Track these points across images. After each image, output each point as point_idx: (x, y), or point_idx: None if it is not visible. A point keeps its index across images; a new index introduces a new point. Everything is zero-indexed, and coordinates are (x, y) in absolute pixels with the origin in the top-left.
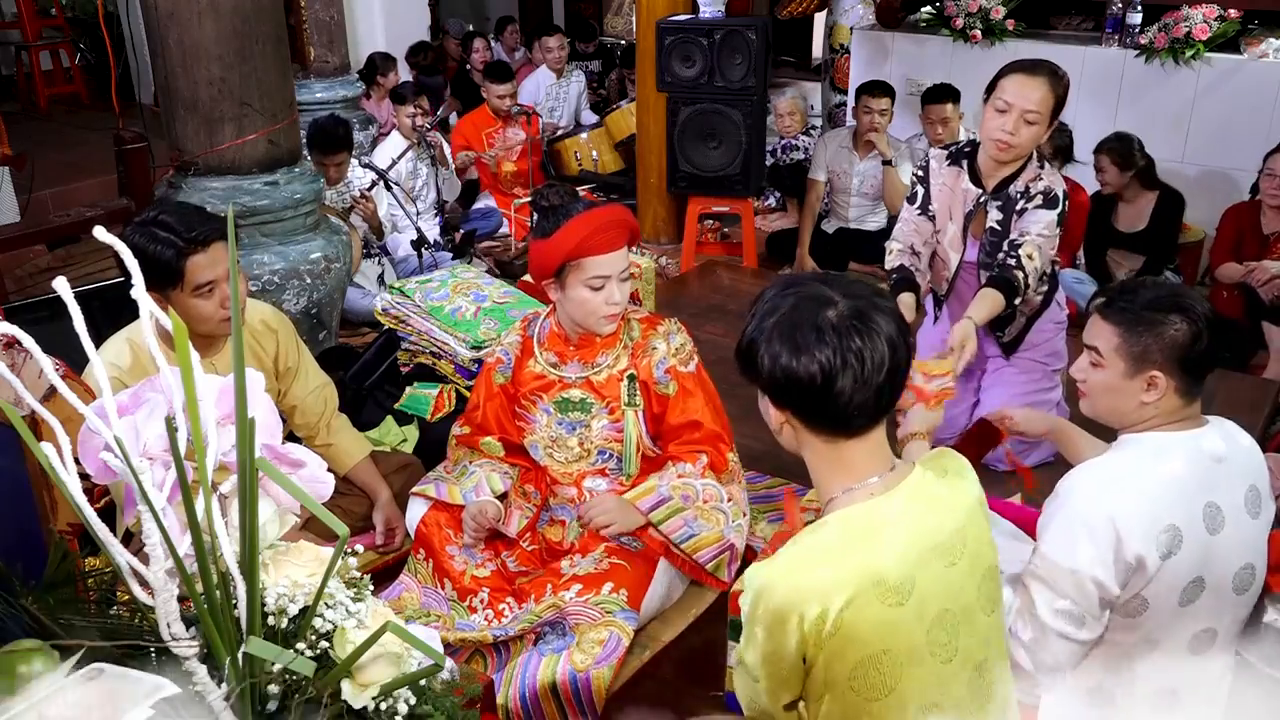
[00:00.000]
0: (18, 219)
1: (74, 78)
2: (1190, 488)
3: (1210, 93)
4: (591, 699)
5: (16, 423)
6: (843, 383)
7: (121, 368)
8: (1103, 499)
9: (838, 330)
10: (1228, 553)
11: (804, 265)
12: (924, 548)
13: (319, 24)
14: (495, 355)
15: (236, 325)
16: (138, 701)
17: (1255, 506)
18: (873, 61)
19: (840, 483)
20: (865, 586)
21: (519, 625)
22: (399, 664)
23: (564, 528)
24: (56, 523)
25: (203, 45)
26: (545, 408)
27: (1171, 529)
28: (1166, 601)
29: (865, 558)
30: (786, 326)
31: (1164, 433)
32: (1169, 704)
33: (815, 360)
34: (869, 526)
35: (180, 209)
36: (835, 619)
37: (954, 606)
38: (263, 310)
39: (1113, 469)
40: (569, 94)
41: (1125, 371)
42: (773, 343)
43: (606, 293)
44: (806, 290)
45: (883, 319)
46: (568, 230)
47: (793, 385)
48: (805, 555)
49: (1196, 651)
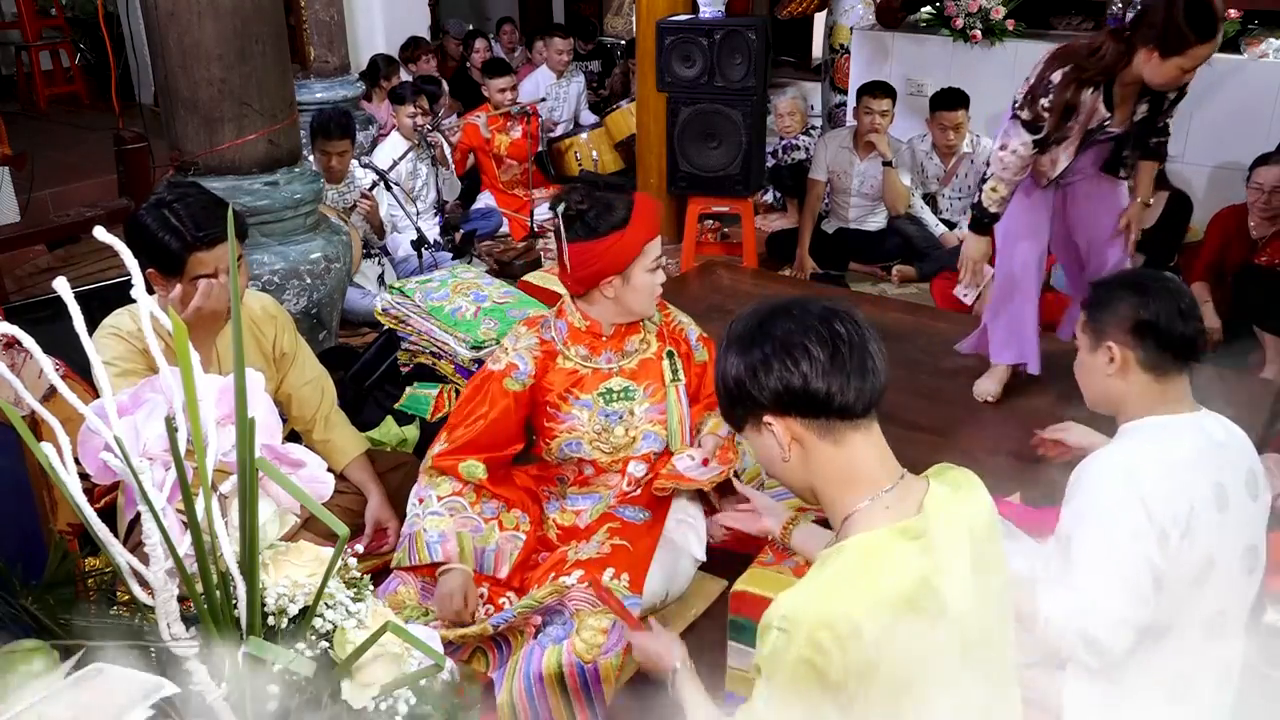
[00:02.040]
0: (18, 219)
1: (74, 78)
2: (1200, 467)
3: (1210, 93)
4: (600, 688)
5: (16, 423)
6: (843, 353)
7: (123, 329)
8: (1129, 484)
9: (816, 318)
10: (1235, 532)
11: (804, 265)
12: (951, 567)
13: (319, 24)
14: (506, 362)
15: (237, 326)
16: (138, 701)
17: (1254, 489)
18: (873, 61)
19: (854, 494)
20: (901, 610)
21: (519, 609)
22: (399, 664)
23: (578, 515)
24: (56, 523)
25: (203, 45)
26: (584, 402)
27: (1189, 507)
28: (1181, 581)
29: (899, 584)
30: (768, 341)
31: (1163, 416)
32: (1184, 689)
33: (813, 345)
34: (890, 548)
35: (199, 197)
36: (873, 645)
37: (982, 625)
38: (262, 298)
39: (1127, 454)
40: (569, 94)
41: (1089, 346)
42: (769, 359)
43: (659, 274)
44: (763, 310)
45: (831, 314)
46: (639, 217)
47: (797, 381)
48: (836, 580)
49: (1210, 635)
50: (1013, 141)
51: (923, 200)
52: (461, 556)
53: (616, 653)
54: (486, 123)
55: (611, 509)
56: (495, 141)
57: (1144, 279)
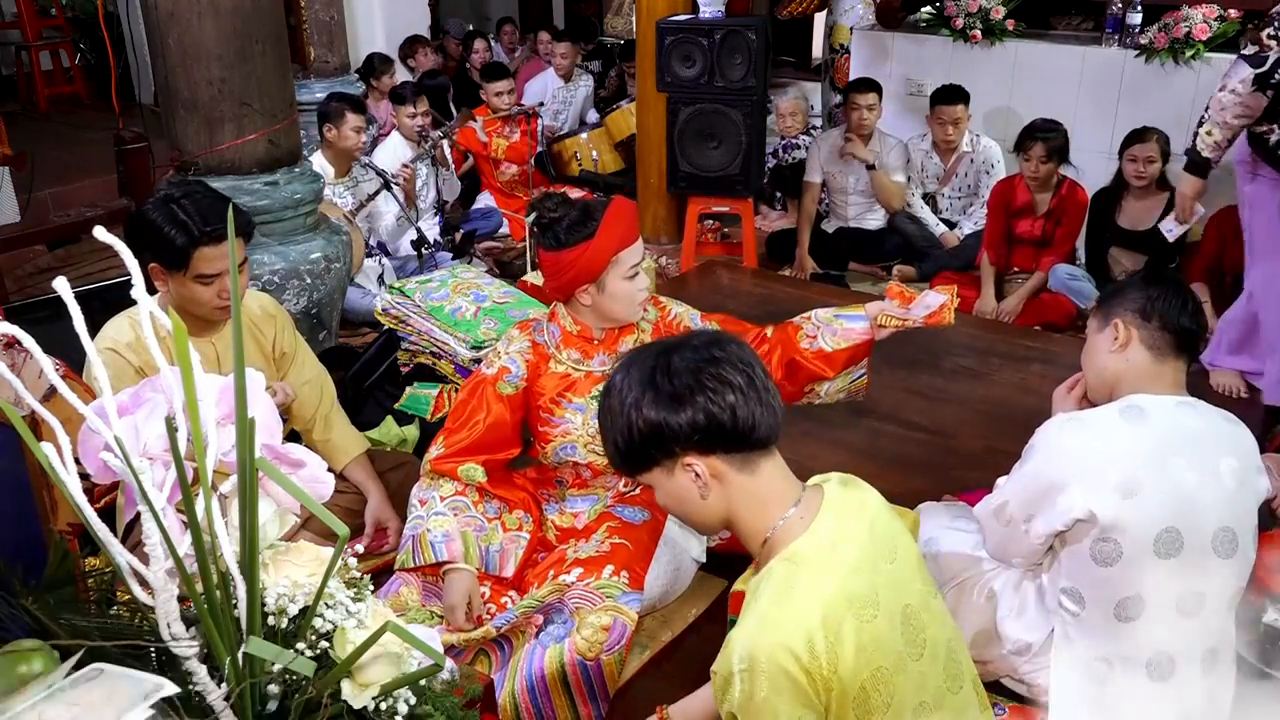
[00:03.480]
0: (18, 219)
1: (74, 78)
2: (1154, 441)
3: (1210, 93)
4: (604, 684)
5: (16, 423)
6: (756, 380)
7: (120, 343)
8: (1066, 439)
9: (713, 347)
10: (1206, 510)
11: (804, 265)
12: (869, 555)
13: (319, 24)
14: (498, 365)
15: (237, 326)
16: (138, 701)
17: (1236, 477)
18: (873, 61)
19: (769, 516)
20: (841, 610)
21: (520, 609)
22: (399, 664)
23: (576, 518)
24: (56, 523)
25: (203, 45)
26: (577, 406)
27: (1130, 472)
28: (1140, 547)
29: (830, 584)
30: (679, 376)
31: (1140, 396)
32: (1167, 669)
33: (730, 373)
34: (818, 554)
35: (207, 196)
36: (828, 653)
37: (913, 601)
38: (260, 298)
39: (1077, 420)
40: (575, 98)
41: (1097, 328)
42: (688, 394)
43: (639, 280)
44: (645, 358)
45: (726, 340)
46: (607, 229)
47: (725, 414)
48: (774, 604)
49: (1185, 613)
50: (1232, 80)
51: (922, 200)
52: (467, 556)
53: (618, 650)
54: (483, 126)
55: (610, 508)
56: (493, 145)
57: (1157, 277)
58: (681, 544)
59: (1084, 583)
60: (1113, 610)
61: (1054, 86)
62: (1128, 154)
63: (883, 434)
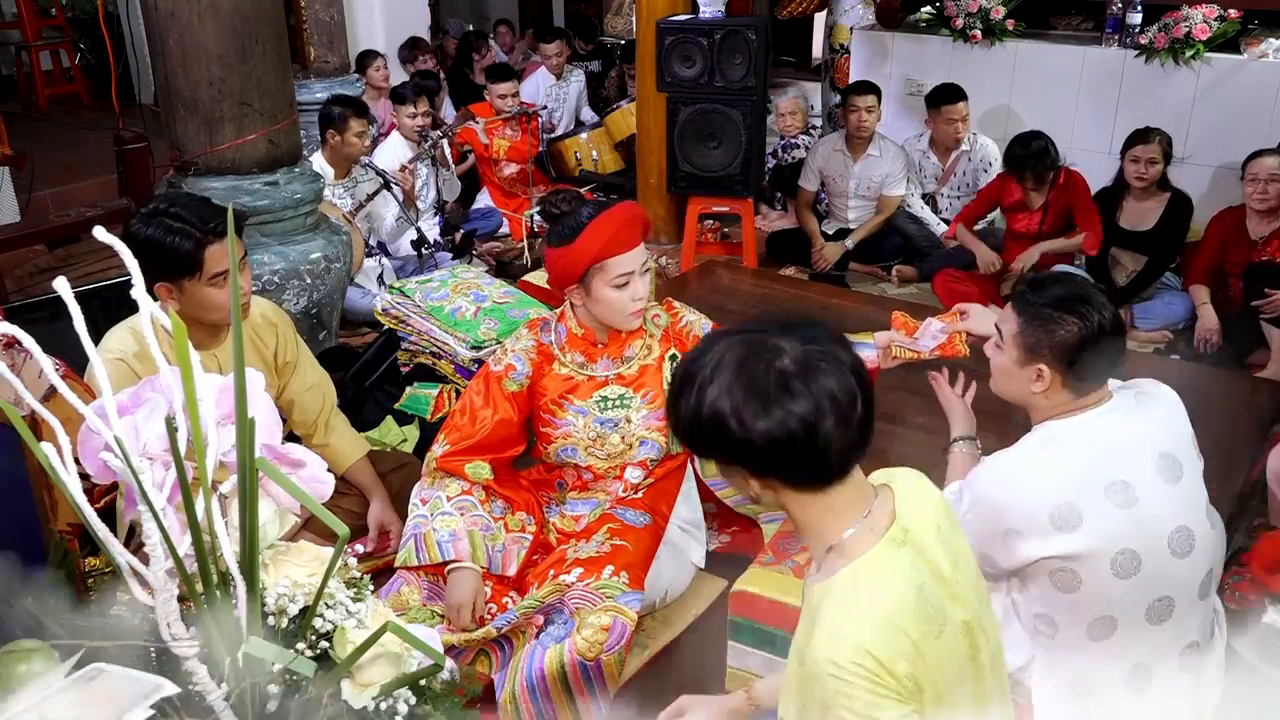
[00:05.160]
0: (18, 219)
1: (74, 78)
2: (1084, 469)
3: (1210, 93)
4: (604, 684)
5: (16, 423)
6: (826, 429)
7: (127, 353)
8: (995, 490)
9: (802, 376)
10: (1154, 521)
11: (826, 256)
12: (934, 568)
13: (319, 24)
14: (505, 363)
15: (236, 326)
16: (137, 701)
17: (1173, 472)
18: (873, 61)
19: (838, 525)
20: (909, 630)
21: (521, 609)
22: (399, 664)
23: (577, 521)
24: (56, 523)
25: (203, 45)
26: (579, 409)
27: (1066, 507)
28: (1099, 573)
29: (895, 604)
30: (746, 385)
31: (1058, 420)
32: (1143, 680)
33: (792, 415)
34: (886, 571)
35: (189, 200)
36: (907, 674)
37: (970, 617)
38: (262, 305)
39: (1005, 462)
40: (568, 94)
41: (1018, 359)
42: (742, 407)
43: (631, 289)
44: (749, 340)
45: (839, 350)
46: (590, 234)
47: (775, 448)
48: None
49: (1155, 621)
50: None
51: (922, 200)
52: (474, 555)
53: (618, 650)
54: (484, 128)
55: (610, 510)
56: (493, 145)
57: (1083, 295)
58: (682, 547)
59: (1053, 609)
60: (1085, 631)
61: (1054, 86)
62: (1130, 154)
63: (883, 434)
